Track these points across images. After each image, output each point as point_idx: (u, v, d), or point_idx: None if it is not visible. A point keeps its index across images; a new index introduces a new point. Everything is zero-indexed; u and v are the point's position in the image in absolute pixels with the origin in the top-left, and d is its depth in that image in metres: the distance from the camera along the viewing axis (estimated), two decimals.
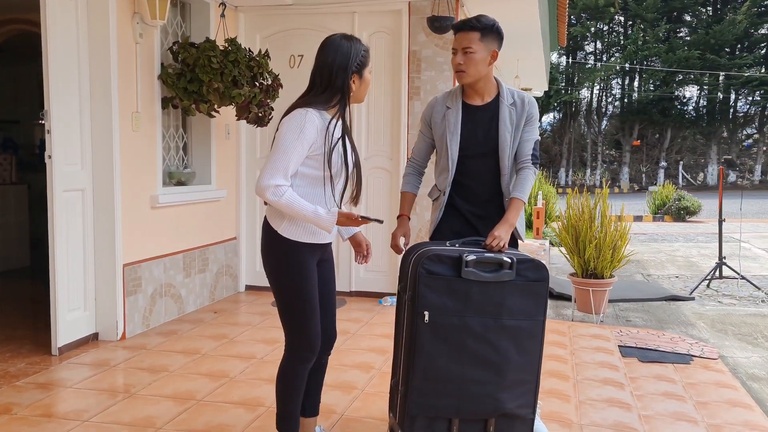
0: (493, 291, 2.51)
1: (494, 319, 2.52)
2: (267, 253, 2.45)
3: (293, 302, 2.42)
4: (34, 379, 3.53)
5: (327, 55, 2.40)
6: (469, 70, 2.70)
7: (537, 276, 2.56)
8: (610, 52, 33.67)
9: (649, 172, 32.84)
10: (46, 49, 3.76)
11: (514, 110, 2.77)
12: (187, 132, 5.27)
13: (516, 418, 2.60)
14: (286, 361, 2.48)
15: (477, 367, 2.52)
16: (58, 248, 3.91)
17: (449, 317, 2.50)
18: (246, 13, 5.66)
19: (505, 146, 2.75)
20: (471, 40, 2.68)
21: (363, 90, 2.50)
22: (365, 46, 2.47)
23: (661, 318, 5.93)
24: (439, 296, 2.49)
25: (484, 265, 2.52)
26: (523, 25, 6.41)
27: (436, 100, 2.89)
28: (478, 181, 2.79)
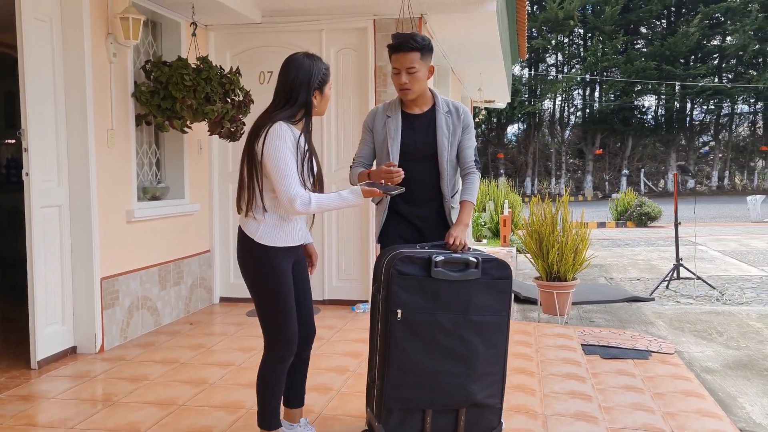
0: (461, 289, 2.70)
1: (462, 315, 2.71)
2: (244, 260, 2.61)
3: (272, 305, 2.58)
4: (15, 392, 3.59)
5: (290, 73, 2.57)
6: (414, 87, 2.90)
7: (501, 274, 2.76)
8: (570, 63, 34.52)
9: (611, 179, 33.64)
10: (23, 69, 3.86)
11: (450, 118, 2.99)
12: (161, 148, 5.37)
13: (485, 407, 2.78)
14: (265, 360, 2.62)
15: (448, 360, 2.70)
16: (35, 264, 3.98)
17: (421, 314, 2.68)
18: (216, 32, 5.81)
19: (443, 150, 2.97)
20: (413, 60, 2.86)
21: (324, 104, 2.68)
22: (326, 64, 2.67)
23: (622, 318, 6.20)
24: (410, 295, 2.67)
25: (452, 264, 2.71)
26: (484, 40, 6.67)
27: (377, 109, 3.08)
28: (418, 184, 2.96)
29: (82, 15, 4.16)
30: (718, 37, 32.79)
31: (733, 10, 31.17)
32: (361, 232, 5.75)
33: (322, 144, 5.74)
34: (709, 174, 33.66)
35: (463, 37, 6.49)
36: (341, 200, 2.55)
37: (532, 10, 32.30)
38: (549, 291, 5.68)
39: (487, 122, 33.38)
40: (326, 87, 2.64)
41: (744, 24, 30.74)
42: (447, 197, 3.02)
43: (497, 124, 34.35)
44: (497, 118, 33.41)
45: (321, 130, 5.74)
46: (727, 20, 31.83)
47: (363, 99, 5.69)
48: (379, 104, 3.18)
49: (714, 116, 33.79)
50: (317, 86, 2.59)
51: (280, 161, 2.46)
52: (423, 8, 5.43)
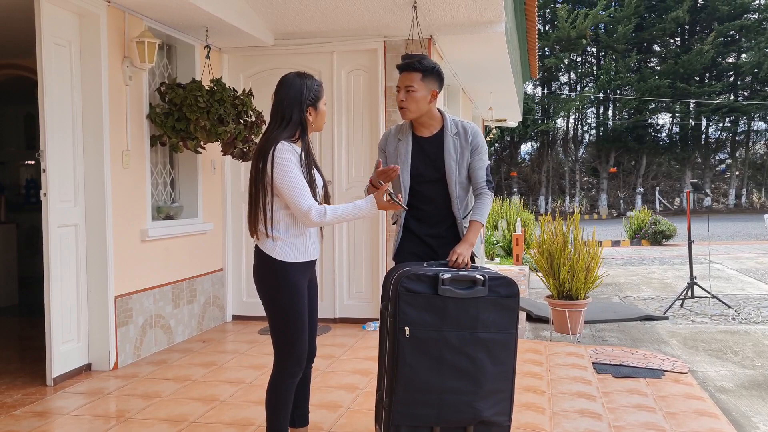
0: (468, 306, 2.73)
1: (470, 333, 2.73)
2: (262, 277, 2.67)
3: (287, 321, 2.64)
4: (31, 408, 3.65)
5: (282, 93, 2.67)
6: (410, 106, 2.96)
7: (508, 292, 2.78)
8: (583, 82, 34.54)
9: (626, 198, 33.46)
10: (42, 92, 3.98)
11: (458, 139, 3.03)
12: (175, 168, 5.47)
13: (493, 425, 2.79)
14: (275, 377, 2.67)
15: (455, 377, 2.72)
16: (52, 282, 4.06)
17: (428, 331, 2.71)
18: (229, 54, 5.93)
19: (451, 173, 3.00)
20: (413, 79, 2.94)
21: (320, 120, 2.76)
22: (318, 81, 2.75)
23: (635, 337, 6.15)
24: (418, 312, 2.70)
25: (459, 282, 2.74)
26: (494, 60, 6.73)
27: (390, 132, 3.14)
28: (430, 205, 3.04)
29: (99, 39, 4.29)
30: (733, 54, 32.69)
31: (747, 27, 31.10)
32: (372, 251, 5.79)
33: (333, 164, 5.82)
34: (726, 192, 33.36)
35: (473, 57, 6.56)
36: (356, 209, 2.64)
37: (544, 29, 32.46)
38: (561, 309, 5.67)
39: (500, 141, 33.42)
40: (320, 103, 2.72)
41: (759, 41, 30.65)
42: (459, 218, 3.06)
43: (510, 142, 34.37)
44: (510, 136, 33.44)
45: (332, 150, 5.82)
46: (742, 38, 31.75)
47: (373, 119, 5.76)
48: (392, 126, 3.23)
49: (730, 134, 33.57)
50: (310, 103, 2.67)
51: (291, 178, 2.55)
52: (432, 29, 5.52)
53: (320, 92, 2.73)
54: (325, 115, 2.78)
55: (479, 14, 5.24)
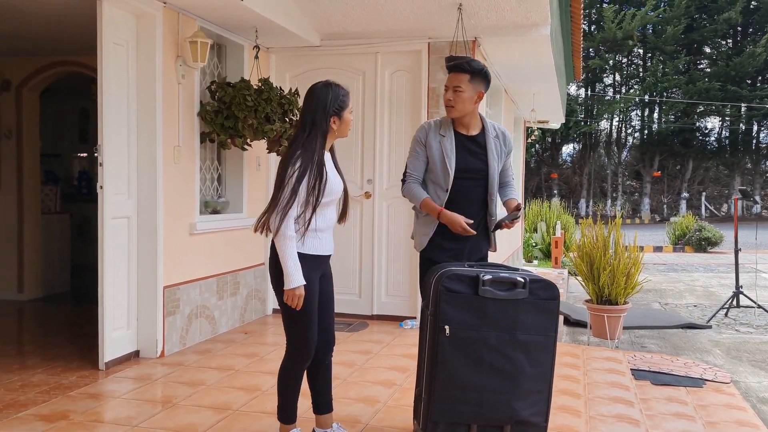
0: (508, 308, 2.78)
1: (509, 334, 2.78)
2: (274, 269, 2.84)
3: (296, 313, 2.81)
4: (85, 390, 3.83)
5: (309, 102, 2.81)
6: (458, 105, 3.10)
7: (548, 295, 2.83)
8: (629, 83, 33.91)
9: (670, 202, 32.74)
10: (101, 89, 4.15)
11: (498, 142, 3.24)
12: (222, 164, 5.63)
13: (530, 425, 2.84)
14: (285, 362, 2.89)
15: (493, 377, 2.78)
16: (105, 271, 4.24)
17: (468, 331, 2.77)
18: (277, 54, 6.07)
19: (494, 173, 3.20)
20: (461, 80, 3.09)
21: (344, 128, 2.88)
22: (344, 91, 2.87)
23: (676, 345, 6.08)
24: (458, 312, 2.76)
25: (500, 284, 2.79)
26: (538, 62, 6.72)
27: (429, 125, 3.24)
28: (467, 200, 3.17)
29: (155, 39, 4.45)
30: None
31: None
32: (410, 249, 5.86)
33: (374, 163, 5.90)
34: None
35: (517, 59, 6.56)
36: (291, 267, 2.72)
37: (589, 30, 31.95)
38: (599, 314, 5.65)
39: (541, 142, 33.06)
40: (345, 112, 2.84)
41: None
42: (492, 213, 3.24)
43: (551, 144, 33.98)
44: (551, 138, 33.05)
45: (374, 150, 5.91)
46: None
47: (415, 120, 5.82)
48: (430, 120, 3.34)
49: None
50: (334, 112, 2.79)
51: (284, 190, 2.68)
52: (477, 31, 5.55)
53: (345, 102, 2.84)
54: (349, 123, 2.89)
55: (524, 17, 5.25)
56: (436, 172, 3.18)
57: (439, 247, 3.18)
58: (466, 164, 3.15)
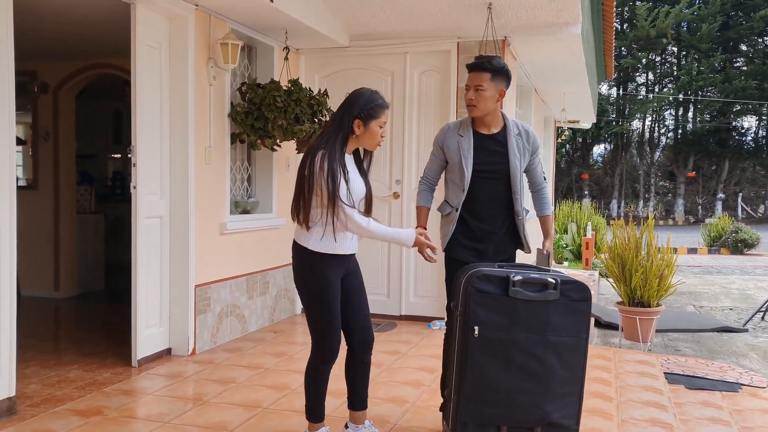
0: (539, 309, 2.76)
1: (540, 335, 2.75)
2: (298, 268, 2.87)
3: (319, 311, 2.83)
4: (119, 386, 3.91)
5: (344, 101, 2.83)
6: (479, 105, 3.10)
7: (580, 296, 2.79)
8: (662, 82, 33.31)
9: (705, 204, 32.07)
10: (135, 91, 4.23)
11: (521, 140, 3.19)
12: (252, 164, 5.69)
13: (560, 428, 2.80)
14: (311, 361, 2.92)
15: (524, 378, 2.75)
16: (139, 269, 4.32)
17: (497, 332, 2.75)
18: (306, 55, 6.11)
19: (516, 171, 3.16)
20: (482, 79, 3.07)
21: (369, 138, 2.82)
22: (381, 102, 2.82)
23: (711, 348, 5.96)
24: (488, 313, 2.75)
25: (530, 285, 2.76)
26: (568, 62, 6.64)
27: (449, 127, 3.25)
28: (487, 200, 3.17)
29: (187, 41, 4.52)
30: None
31: None
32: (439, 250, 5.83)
33: (403, 163, 5.90)
34: None
35: (547, 58, 6.50)
36: (394, 233, 2.86)
37: (622, 29, 31.47)
38: (631, 317, 5.56)
39: (572, 142, 32.66)
40: (372, 122, 2.78)
41: None
42: (520, 214, 3.21)
43: (582, 144, 33.55)
44: (582, 138, 32.63)
45: (402, 150, 5.91)
46: None
47: (444, 120, 5.81)
48: (450, 122, 3.35)
49: None
50: (359, 116, 2.75)
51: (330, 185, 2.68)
52: (507, 31, 5.51)
53: (375, 111, 2.78)
54: (376, 136, 2.82)
55: (555, 16, 5.20)
56: (454, 172, 3.20)
57: (461, 245, 3.20)
58: (486, 163, 3.14)
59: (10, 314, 3.36)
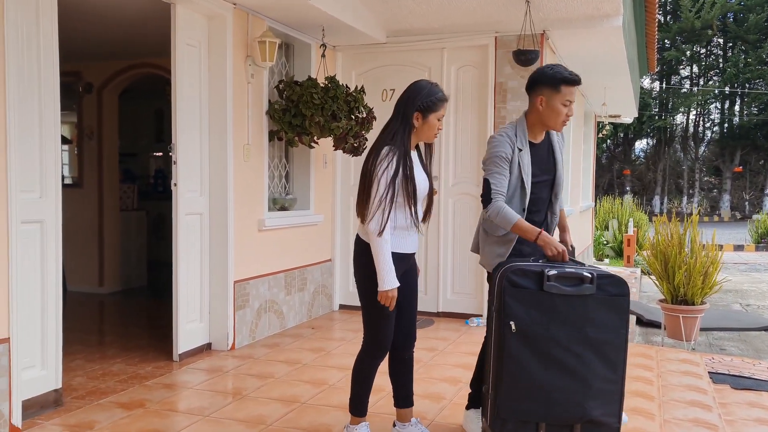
0: (578, 304, 2.69)
1: (578, 331, 2.70)
2: (359, 263, 2.86)
3: (375, 307, 2.81)
4: (160, 380, 3.99)
5: (403, 93, 2.83)
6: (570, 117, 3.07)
7: (618, 291, 2.72)
8: (707, 75, 32.40)
9: (752, 199, 31.09)
10: (175, 89, 4.31)
11: (560, 140, 3.21)
12: (290, 161, 5.74)
13: (601, 425, 2.75)
14: (360, 356, 2.91)
15: (563, 375, 2.70)
16: (180, 265, 4.40)
17: (535, 327, 2.70)
18: (343, 52, 6.13)
19: (561, 174, 3.15)
20: (575, 93, 3.05)
21: (426, 130, 2.80)
22: (439, 95, 2.79)
23: (759, 348, 5.79)
24: (524, 308, 2.70)
25: (566, 279, 2.71)
26: (609, 55, 6.51)
27: (509, 138, 3.01)
28: (538, 206, 3.12)
29: (225, 40, 4.58)
30: None
31: None
32: None
33: (440, 160, 5.87)
34: None
35: (587, 51, 6.38)
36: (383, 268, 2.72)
37: (665, 21, 30.71)
38: (674, 315, 5.43)
39: (613, 137, 32.03)
40: (431, 114, 2.77)
41: None
42: (555, 211, 3.19)
43: (624, 139, 32.88)
44: (624, 133, 31.97)
45: (439, 146, 5.88)
46: None
47: (482, 116, 5.76)
48: (503, 131, 3.07)
49: None
50: (419, 108, 2.75)
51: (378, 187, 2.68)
52: (545, 24, 5.43)
53: (435, 104, 2.77)
54: (433, 129, 2.82)
55: (595, 8, 5.09)
56: (513, 192, 3.04)
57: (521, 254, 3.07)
58: (539, 173, 3.07)
59: (56, 309, 3.46)
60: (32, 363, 3.35)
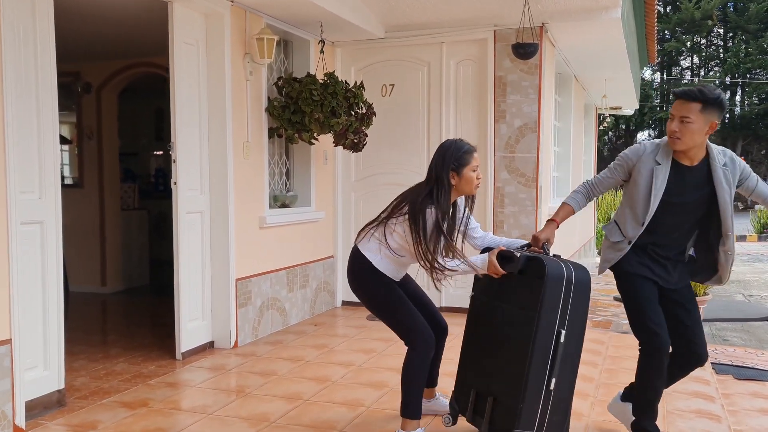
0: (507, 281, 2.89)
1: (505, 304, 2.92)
2: (360, 278, 3.01)
3: (394, 311, 2.94)
4: (164, 379, 3.99)
5: (435, 155, 2.96)
6: (684, 138, 2.76)
7: (537, 274, 2.74)
8: (708, 66, 32.31)
9: None
10: (173, 88, 4.30)
11: (728, 171, 2.85)
12: (290, 158, 5.73)
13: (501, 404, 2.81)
14: (410, 358, 2.92)
15: (486, 345, 2.99)
16: (181, 264, 4.39)
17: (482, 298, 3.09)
18: (342, 48, 6.11)
19: (726, 207, 2.83)
20: (690, 110, 2.72)
21: (465, 185, 2.94)
22: (465, 149, 2.92)
23: (762, 338, 5.78)
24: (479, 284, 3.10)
25: (505, 259, 2.89)
26: (609, 47, 6.48)
27: (645, 149, 2.91)
28: (673, 233, 2.91)
29: (223, 37, 4.56)
30: None
31: None
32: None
33: None
34: None
35: (587, 44, 6.36)
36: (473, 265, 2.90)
37: (665, 11, 30.59)
38: None
39: (614, 129, 31.97)
40: (465, 169, 2.90)
41: None
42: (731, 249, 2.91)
43: (626, 130, 32.80)
44: (625, 124, 31.91)
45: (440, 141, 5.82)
46: None
47: (482, 110, 5.74)
48: (647, 142, 2.99)
49: None
50: (453, 168, 2.89)
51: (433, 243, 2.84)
52: (544, 17, 5.41)
53: (464, 159, 2.90)
54: (472, 181, 2.93)
55: (594, 0, 5.07)
56: (635, 201, 2.89)
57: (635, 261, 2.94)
58: (681, 198, 2.83)
59: (57, 310, 3.46)
60: (35, 364, 3.36)
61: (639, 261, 2.93)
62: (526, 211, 5.63)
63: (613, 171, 3.02)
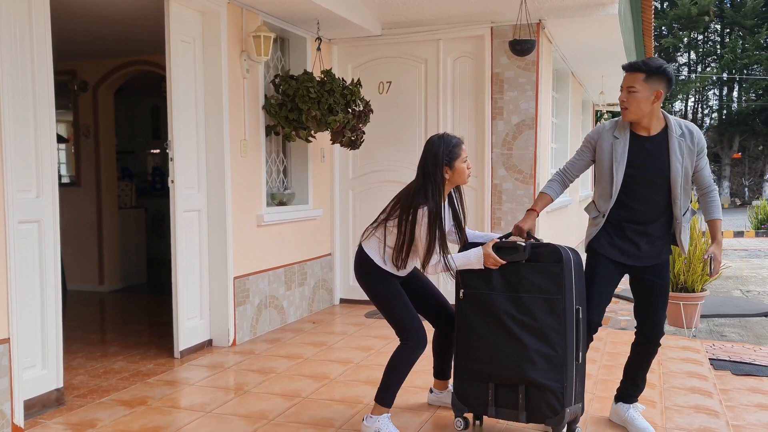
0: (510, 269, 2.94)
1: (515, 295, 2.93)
2: (363, 275, 3.09)
3: (394, 308, 3.02)
4: (162, 377, 3.99)
5: (424, 153, 3.00)
6: (632, 107, 2.91)
7: (551, 258, 2.87)
8: (705, 62, 32.36)
9: (752, 185, 31.11)
10: (170, 86, 4.29)
11: (684, 141, 2.95)
12: (287, 156, 5.72)
13: (543, 389, 2.86)
14: (400, 351, 3.03)
15: (503, 336, 2.95)
16: (179, 263, 4.39)
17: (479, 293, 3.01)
18: (339, 45, 6.10)
19: (677, 175, 2.93)
20: (636, 80, 2.89)
21: (458, 176, 3.01)
22: (454, 142, 2.99)
23: (759, 334, 5.78)
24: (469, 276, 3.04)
25: (502, 250, 2.97)
26: (605, 43, 6.48)
27: (604, 127, 3.06)
28: (644, 205, 2.99)
29: (220, 35, 4.55)
30: None
31: None
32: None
33: None
34: None
35: (584, 41, 6.36)
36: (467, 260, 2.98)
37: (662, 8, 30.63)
38: (675, 302, 5.43)
39: None
40: (456, 162, 2.97)
41: None
42: (678, 218, 3.01)
43: None
44: None
45: None
46: None
47: (479, 106, 5.74)
48: (607, 121, 3.14)
49: None
50: (445, 162, 2.95)
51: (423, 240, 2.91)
52: (541, 13, 5.40)
53: (455, 152, 2.97)
54: (464, 172, 3.01)
55: None
56: (602, 177, 3.03)
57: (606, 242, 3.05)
58: (643, 167, 2.94)
59: (55, 308, 3.46)
60: (33, 362, 3.36)
61: (609, 241, 3.05)
62: (524, 208, 5.63)
63: (581, 153, 3.15)
